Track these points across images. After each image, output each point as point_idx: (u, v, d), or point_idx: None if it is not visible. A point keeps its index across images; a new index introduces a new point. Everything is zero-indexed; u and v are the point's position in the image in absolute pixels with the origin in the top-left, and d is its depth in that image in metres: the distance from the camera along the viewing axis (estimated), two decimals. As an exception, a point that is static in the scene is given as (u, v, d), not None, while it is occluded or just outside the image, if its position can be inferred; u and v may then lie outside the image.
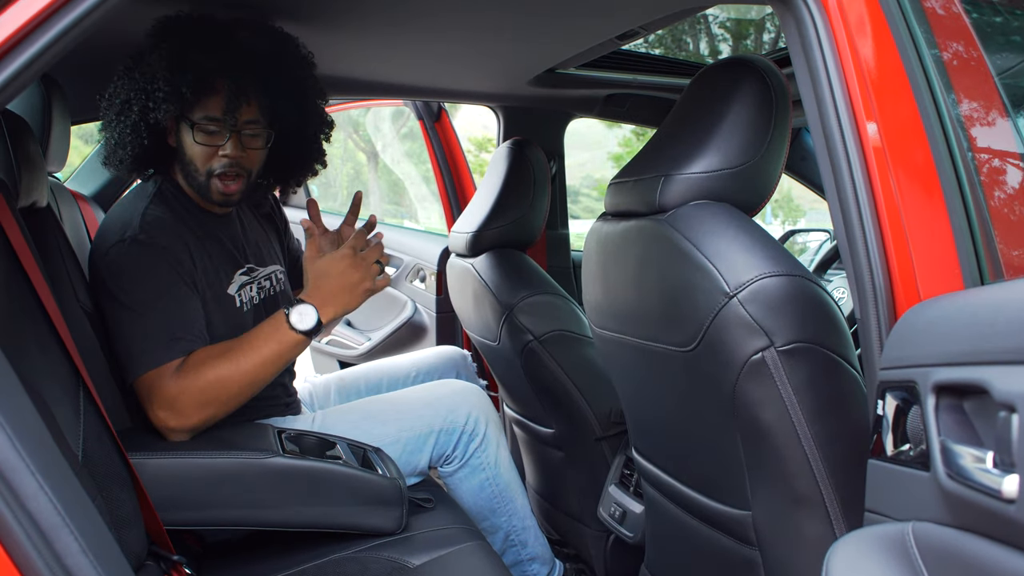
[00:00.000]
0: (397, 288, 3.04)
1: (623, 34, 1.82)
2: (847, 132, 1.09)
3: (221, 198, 1.66)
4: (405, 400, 1.82)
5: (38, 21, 0.84)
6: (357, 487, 1.48)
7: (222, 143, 1.62)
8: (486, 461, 1.79)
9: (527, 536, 1.86)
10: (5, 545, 0.78)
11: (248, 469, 1.41)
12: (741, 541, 1.32)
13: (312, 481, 1.45)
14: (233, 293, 1.69)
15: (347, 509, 1.48)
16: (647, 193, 1.32)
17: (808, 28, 1.13)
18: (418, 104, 2.85)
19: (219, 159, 1.62)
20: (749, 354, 1.15)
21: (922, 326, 0.93)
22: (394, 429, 1.72)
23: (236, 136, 1.62)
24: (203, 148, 1.62)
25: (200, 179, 1.65)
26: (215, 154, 1.63)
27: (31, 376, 0.98)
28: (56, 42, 0.85)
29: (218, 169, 1.63)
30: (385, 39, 1.88)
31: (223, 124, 1.61)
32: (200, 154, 1.63)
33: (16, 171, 1.36)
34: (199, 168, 1.64)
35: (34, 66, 0.86)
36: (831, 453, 1.16)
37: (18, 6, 0.84)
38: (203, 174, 1.64)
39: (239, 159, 1.64)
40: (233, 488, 1.41)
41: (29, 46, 0.85)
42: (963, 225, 1.05)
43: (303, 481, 1.44)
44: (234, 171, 1.64)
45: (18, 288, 1.18)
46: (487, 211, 2.17)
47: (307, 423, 1.72)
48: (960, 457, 0.77)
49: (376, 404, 1.82)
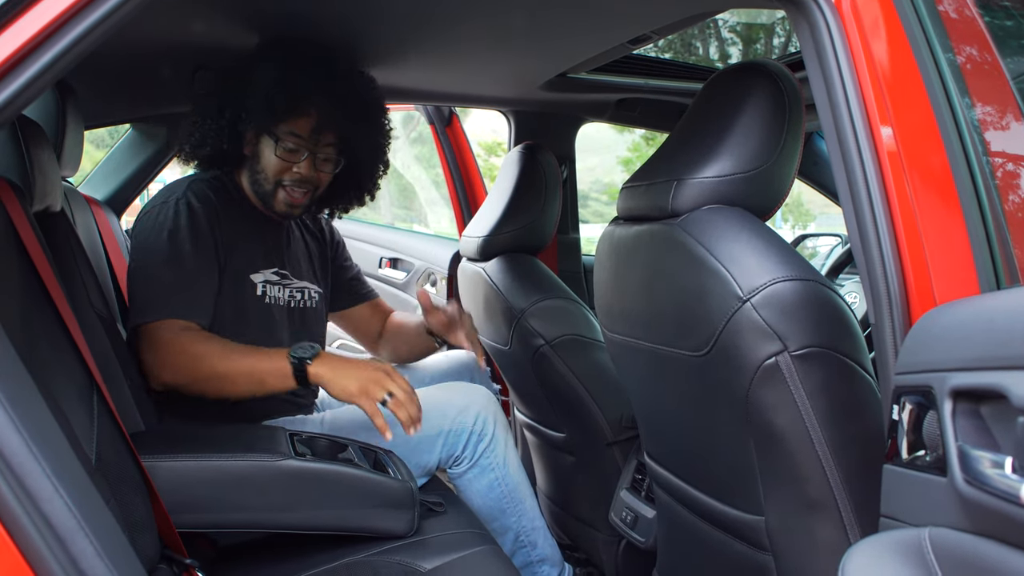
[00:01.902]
0: (407, 293, 3.04)
1: (635, 39, 1.82)
2: (861, 136, 1.09)
3: (285, 208, 1.78)
4: None
5: (56, 26, 0.85)
6: (369, 490, 1.48)
7: (298, 160, 1.75)
8: (495, 461, 1.79)
9: (537, 537, 1.86)
10: (21, 548, 0.78)
11: (261, 472, 1.41)
12: (754, 546, 1.31)
13: (324, 484, 1.45)
14: (257, 281, 1.75)
15: (359, 512, 1.48)
16: (660, 197, 1.32)
17: (822, 32, 1.12)
18: (429, 109, 2.86)
19: (292, 174, 1.76)
20: (762, 359, 1.15)
21: (938, 331, 0.93)
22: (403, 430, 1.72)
23: (312, 156, 1.77)
24: (280, 161, 1.75)
25: (267, 187, 1.77)
26: (289, 169, 1.76)
27: (45, 380, 0.99)
28: (73, 47, 0.85)
29: (288, 182, 1.76)
30: (398, 46, 1.88)
31: (304, 143, 1.75)
32: (275, 166, 1.75)
33: (30, 176, 1.37)
34: (269, 177, 1.77)
35: (50, 72, 0.87)
36: (845, 458, 1.16)
37: (36, 11, 0.84)
38: (272, 183, 1.77)
39: (310, 178, 1.77)
40: (245, 491, 1.41)
41: (45, 52, 0.86)
42: (979, 229, 1.04)
43: (315, 484, 1.44)
44: (304, 187, 1.78)
45: (32, 292, 1.19)
46: (498, 215, 2.17)
47: (316, 423, 1.73)
48: (978, 462, 0.76)
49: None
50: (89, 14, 0.86)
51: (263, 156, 1.76)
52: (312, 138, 1.75)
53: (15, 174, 1.34)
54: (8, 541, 0.78)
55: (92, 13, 0.86)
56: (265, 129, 1.74)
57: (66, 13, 0.85)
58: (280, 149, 1.74)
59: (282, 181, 1.76)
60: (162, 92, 2.27)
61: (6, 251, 1.15)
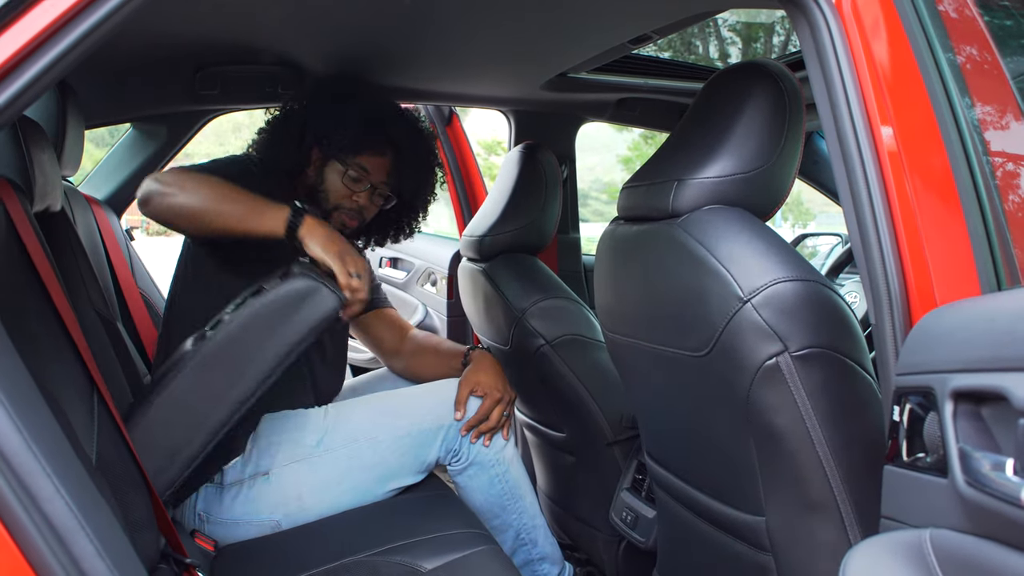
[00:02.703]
0: (408, 292, 3.04)
1: (636, 38, 1.82)
2: (862, 136, 1.08)
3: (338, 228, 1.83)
4: (416, 395, 1.84)
5: (58, 26, 0.85)
6: (281, 306, 1.48)
7: (360, 191, 1.89)
8: (495, 458, 1.79)
9: (537, 535, 1.86)
10: (22, 548, 0.78)
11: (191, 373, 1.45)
12: (754, 547, 1.31)
13: (247, 328, 1.47)
14: None
15: (291, 326, 1.48)
16: (660, 197, 1.32)
17: (822, 32, 1.12)
18: (429, 108, 2.85)
19: (351, 201, 1.89)
20: (763, 359, 1.15)
21: (940, 332, 0.93)
22: (406, 422, 1.73)
23: (372, 189, 1.90)
24: (345, 188, 1.88)
25: (325, 207, 1.88)
26: (349, 196, 1.88)
27: (46, 379, 0.99)
28: (74, 48, 0.85)
29: (346, 207, 1.89)
30: (399, 46, 1.89)
31: (370, 177, 1.89)
32: (338, 190, 1.88)
33: (31, 175, 1.37)
34: (329, 200, 1.88)
35: (51, 73, 0.87)
36: (845, 458, 1.16)
37: (37, 12, 0.84)
38: (330, 205, 1.88)
39: (366, 207, 1.91)
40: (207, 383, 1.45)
41: (47, 52, 0.86)
42: (980, 230, 1.04)
43: (246, 338, 1.47)
44: (359, 216, 1.91)
45: (32, 292, 1.19)
46: (499, 215, 2.17)
47: (319, 417, 1.73)
48: (979, 464, 0.76)
49: (389, 398, 1.84)
50: (90, 15, 0.86)
51: (328, 179, 1.88)
52: (378, 174, 1.90)
53: (16, 174, 1.34)
54: (9, 541, 0.78)
55: (93, 14, 0.86)
56: (338, 156, 1.86)
57: (67, 14, 0.85)
58: (347, 178, 1.86)
59: (341, 205, 1.88)
60: (163, 92, 2.27)
61: (7, 251, 1.15)
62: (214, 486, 1.63)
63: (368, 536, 1.53)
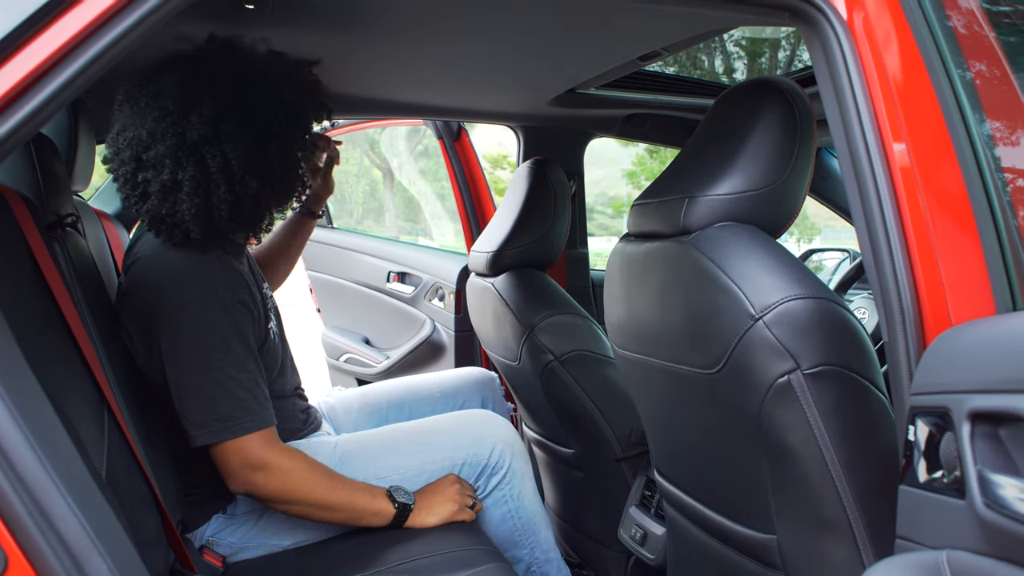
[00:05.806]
0: (415, 307, 3.04)
1: (645, 55, 1.82)
2: (874, 153, 1.08)
3: None
4: (429, 431, 1.81)
5: (76, 43, 0.85)
6: None
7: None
8: (509, 494, 1.76)
9: (549, 568, 1.82)
10: (35, 568, 0.78)
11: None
12: (766, 565, 1.30)
13: None
14: (272, 327, 1.73)
15: None
16: (671, 214, 1.32)
17: (834, 49, 1.12)
18: (438, 123, 2.86)
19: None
20: (775, 377, 1.14)
21: (955, 352, 0.92)
22: (417, 461, 1.70)
23: None
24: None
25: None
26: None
27: (57, 393, 0.99)
28: (91, 65, 0.85)
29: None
30: (407, 62, 1.89)
31: None
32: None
33: (43, 190, 1.38)
34: None
35: (65, 93, 0.87)
36: (858, 477, 1.15)
37: (53, 31, 0.85)
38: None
39: None
40: None
41: (62, 72, 0.86)
42: (995, 248, 1.04)
43: None
44: None
45: (44, 307, 1.19)
46: (507, 230, 2.17)
47: (329, 449, 1.69)
48: (998, 486, 0.76)
49: (399, 434, 1.80)
50: (105, 34, 0.86)
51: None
52: None
53: (28, 189, 1.35)
54: (23, 560, 0.78)
55: (108, 33, 0.86)
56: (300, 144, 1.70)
57: (82, 33, 0.85)
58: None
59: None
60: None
61: (19, 266, 1.15)
62: (224, 516, 1.61)
63: (378, 553, 1.52)
